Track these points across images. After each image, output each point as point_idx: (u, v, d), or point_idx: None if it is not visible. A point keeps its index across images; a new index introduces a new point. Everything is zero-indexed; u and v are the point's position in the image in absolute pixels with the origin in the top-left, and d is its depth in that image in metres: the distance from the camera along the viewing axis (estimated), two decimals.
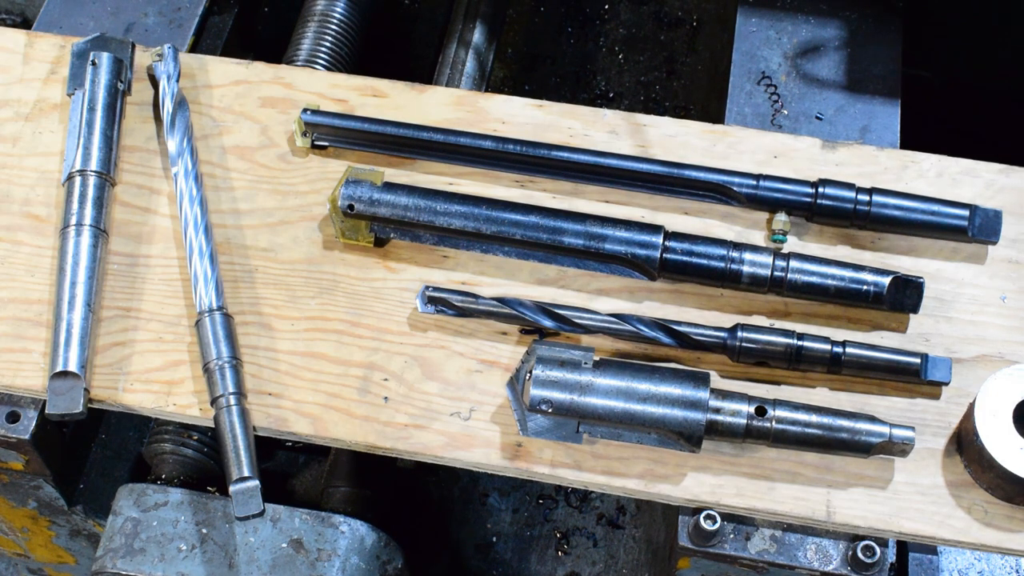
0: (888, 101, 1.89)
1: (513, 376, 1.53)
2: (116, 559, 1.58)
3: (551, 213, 1.62)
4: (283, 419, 1.54)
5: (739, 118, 1.87)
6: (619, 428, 1.47)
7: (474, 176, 1.71)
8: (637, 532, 2.46)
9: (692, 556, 1.52)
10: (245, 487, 1.46)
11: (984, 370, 1.54)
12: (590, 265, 1.62)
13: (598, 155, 1.68)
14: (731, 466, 1.50)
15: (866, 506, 1.47)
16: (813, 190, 1.62)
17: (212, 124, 1.77)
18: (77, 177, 1.66)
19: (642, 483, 1.49)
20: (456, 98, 1.80)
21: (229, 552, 1.58)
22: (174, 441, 1.79)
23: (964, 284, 1.61)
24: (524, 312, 1.55)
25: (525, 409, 1.48)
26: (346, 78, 1.83)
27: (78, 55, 1.77)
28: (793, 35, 1.97)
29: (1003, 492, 1.46)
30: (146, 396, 1.56)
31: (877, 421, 1.46)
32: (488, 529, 2.47)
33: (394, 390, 1.55)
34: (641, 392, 1.45)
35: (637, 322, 1.53)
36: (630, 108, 2.90)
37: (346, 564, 1.60)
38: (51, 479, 1.70)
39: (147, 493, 1.64)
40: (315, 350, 1.58)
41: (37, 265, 1.65)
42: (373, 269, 1.65)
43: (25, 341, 1.60)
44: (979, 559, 1.86)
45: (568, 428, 1.48)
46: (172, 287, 1.64)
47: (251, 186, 1.71)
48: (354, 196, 1.60)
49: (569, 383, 1.46)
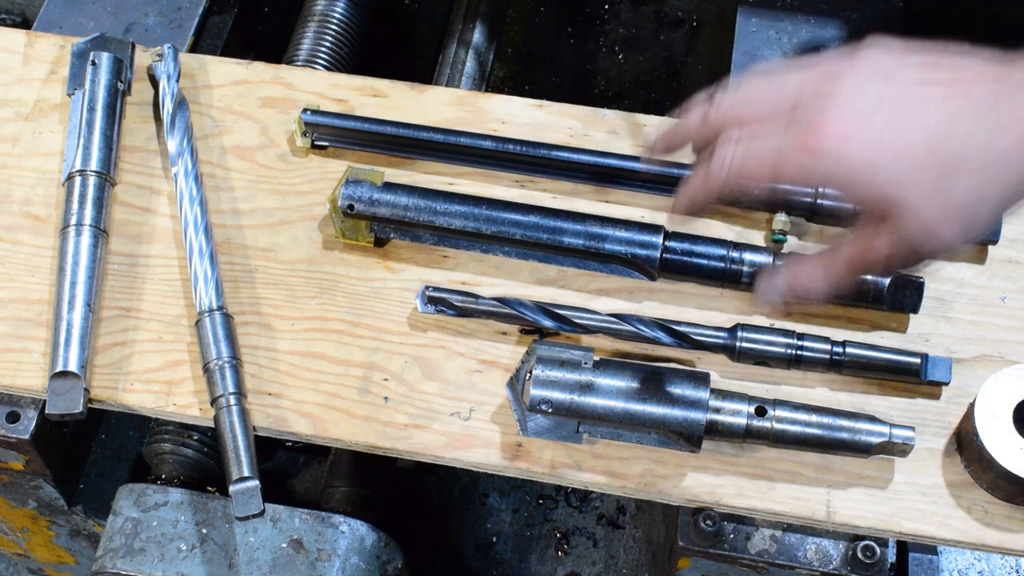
0: None
1: (513, 376, 1.53)
2: (116, 559, 1.58)
3: (551, 213, 1.62)
4: (283, 419, 1.54)
5: None
6: (619, 428, 1.47)
7: (474, 176, 1.71)
8: (637, 532, 2.46)
9: (692, 556, 1.52)
10: (245, 487, 1.46)
11: (984, 370, 1.54)
12: (590, 265, 1.62)
13: (598, 155, 1.68)
14: (731, 466, 1.50)
15: (866, 506, 1.47)
16: (813, 190, 1.62)
17: (212, 124, 1.77)
18: (77, 177, 1.66)
19: (642, 483, 1.49)
20: (456, 98, 1.80)
21: (229, 552, 1.58)
22: (174, 441, 1.79)
23: (964, 284, 1.61)
24: (524, 312, 1.55)
25: (525, 409, 1.48)
26: (346, 78, 1.83)
27: (78, 55, 1.77)
28: (793, 35, 1.97)
29: (1003, 492, 1.46)
30: (146, 396, 1.56)
31: (877, 421, 1.46)
32: (488, 529, 2.47)
33: (394, 390, 1.55)
34: (641, 392, 1.45)
35: (637, 322, 1.53)
36: (630, 108, 2.89)
37: (346, 564, 1.60)
38: (51, 479, 1.70)
39: (147, 493, 1.64)
40: (315, 350, 1.58)
41: (37, 265, 1.65)
42: (373, 269, 1.65)
43: (25, 341, 1.60)
44: (979, 559, 1.86)
45: (568, 428, 1.48)
46: (172, 287, 1.64)
47: (251, 186, 1.72)
48: (354, 196, 1.60)
49: (569, 383, 1.46)
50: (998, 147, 1.02)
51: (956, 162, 1.03)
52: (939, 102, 1.04)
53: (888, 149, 1.04)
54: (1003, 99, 1.03)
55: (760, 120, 1.11)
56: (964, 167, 1.03)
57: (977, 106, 1.03)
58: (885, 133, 1.04)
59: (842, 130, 1.05)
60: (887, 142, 1.04)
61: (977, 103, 1.03)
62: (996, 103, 1.03)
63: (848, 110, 1.05)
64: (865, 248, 1.12)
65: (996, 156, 1.03)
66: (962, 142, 1.03)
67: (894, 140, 1.04)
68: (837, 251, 1.15)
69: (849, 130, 1.05)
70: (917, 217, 1.07)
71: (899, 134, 1.04)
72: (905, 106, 1.05)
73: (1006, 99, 1.03)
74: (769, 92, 1.12)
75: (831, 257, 1.15)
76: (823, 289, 1.15)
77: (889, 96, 1.05)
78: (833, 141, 1.05)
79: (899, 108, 1.05)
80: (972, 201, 1.05)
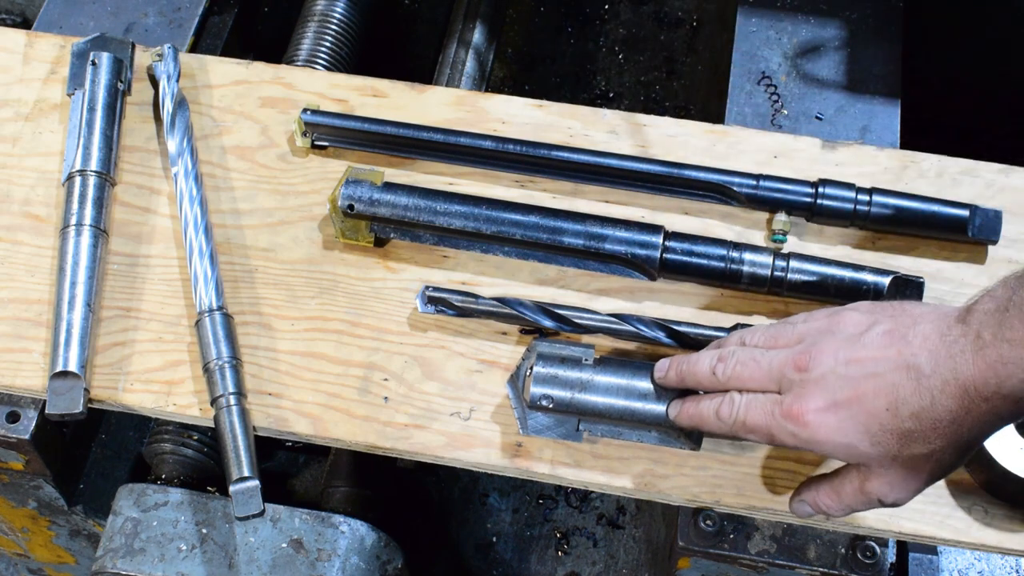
0: (888, 101, 1.89)
1: (513, 374, 1.53)
2: (116, 559, 1.59)
3: (551, 213, 1.62)
4: (283, 419, 1.54)
5: (739, 118, 1.87)
6: (620, 426, 1.47)
7: (474, 176, 1.71)
8: (637, 532, 2.46)
9: (692, 556, 1.52)
10: (245, 487, 1.46)
11: None
12: (590, 265, 1.62)
13: (598, 155, 1.68)
14: (731, 466, 1.50)
15: None
16: (813, 190, 1.62)
17: (212, 124, 1.77)
18: (77, 177, 1.66)
19: (642, 483, 1.49)
20: (456, 98, 1.80)
21: (229, 552, 1.58)
22: (174, 441, 1.79)
23: (964, 284, 1.61)
24: (524, 312, 1.55)
25: (525, 407, 1.48)
26: (346, 78, 1.83)
27: (78, 55, 1.77)
28: (793, 35, 1.97)
29: (1003, 492, 1.46)
30: (146, 396, 1.56)
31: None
32: (488, 529, 2.47)
33: (394, 390, 1.56)
34: (641, 389, 1.45)
35: (637, 322, 1.53)
36: (630, 108, 2.90)
37: (346, 564, 1.60)
38: (51, 479, 1.70)
39: (147, 493, 1.64)
40: (315, 350, 1.58)
41: (37, 265, 1.65)
42: (373, 269, 1.65)
43: (25, 341, 1.60)
44: (979, 559, 1.86)
45: (568, 426, 1.48)
46: (172, 287, 1.64)
47: (251, 186, 1.72)
48: (354, 196, 1.60)
49: (570, 380, 1.46)
50: (941, 407, 1.17)
51: (912, 424, 1.19)
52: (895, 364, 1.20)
53: (858, 416, 1.22)
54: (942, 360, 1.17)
55: (757, 383, 1.31)
56: (919, 428, 1.19)
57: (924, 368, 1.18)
58: (852, 403, 1.22)
59: (818, 404, 1.24)
60: (855, 412, 1.22)
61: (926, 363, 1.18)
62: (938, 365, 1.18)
63: (823, 386, 1.24)
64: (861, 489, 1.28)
65: (941, 414, 1.17)
66: (915, 404, 1.19)
67: (861, 408, 1.22)
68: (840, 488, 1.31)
69: (824, 404, 1.23)
70: (886, 475, 1.25)
71: (863, 401, 1.21)
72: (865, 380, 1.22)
73: (944, 360, 1.17)
74: (763, 361, 1.31)
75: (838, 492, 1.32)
76: (841, 516, 1.34)
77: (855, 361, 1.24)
78: (812, 414, 1.24)
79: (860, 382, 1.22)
80: (931, 456, 1.21)
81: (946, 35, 2.21)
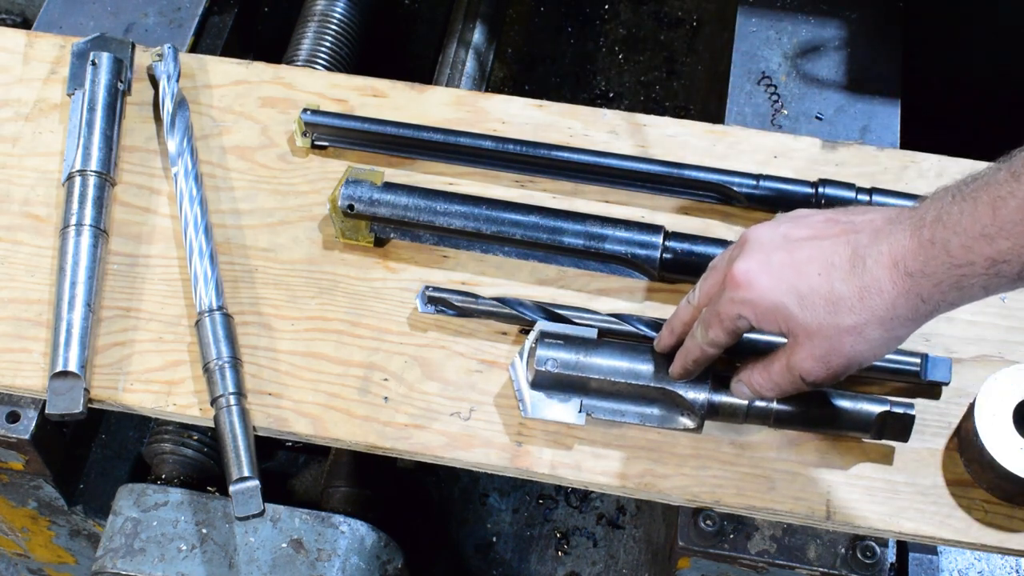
0: (888, 101, 1.89)
1: (517, 355, 1.53)
2: (116, 559, 1.58)
3: (551, 213, 1.62)
4: (283, 419, 1.54)
5: (739, 118, 1.87)
6: (623, 402, 1.47)
7: (474, 176, 1.72)
8: (637, 532, 2.46)
9: (692, 556, 1.52)
10: (245, 487, 1.46)
11: (984, 370, 1.54)
12: (590, 265, 1.62)
13: (598, 155, 1.68)
14: (731, 466, 1.50)
15: (866, 506, 1.47)
16: (813, 190, 1.62)
17: (212, 124, 1.77)
18: (77, 177, 1.66)
19: (642, 483, 1.49)
20: (456, 98, 1.80)
21: (229, 552, 1.58)
22: (174, 441, 1.79)
23: None
24: (524, 312, 1.55)
25: (528, 385, 1.48)
26: (346, 78, 1.83)
27: (78, 55, 1.77)
28: (793, 35, 1.97)
29: (1003, 492, 1.46)
30: (146, 396, 1.56)
31: (877, 398, 1.46)
32: (488, 529, 2.47)
33: (394, 390, 1.55)
34: (643, 358, 1.48)
35: (637, 322, 1.53)
36: (630, 108, 2.90)
37: (346, 564, 1.60)
38: (51, 479, 1.70)
39: (147, 493, 1.64)
40: (315, 350, 1.58)
41: (37, 265, 1.65)
42: (373, 269, 1.65)
43: (25, 341, 1.60)
44: (979, 559, 1.86)
45: (571, 406, 1.48)
46: (172, 287, 1.64)
47: (251, 186, 1.72)
48: (354, 196, 1.61)
49: (575, 342, 1.49)
50: (870, 276, 1.22)
51: (842, 287, 1.23)
52: (835, 237, 1.26)
53: (790, 277, 1.26)
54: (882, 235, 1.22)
55: (717, 283, 1.35)
56: (847, 294, 1.23)
57: (863, 240, 1.24)
58: (786, 266, 1.27)
59: (752, 265, 1.29)
60: (788, 274, 1.26)
61: (866, 237, 1.24)
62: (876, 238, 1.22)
63: (756, 251, 1.29)
64: (787, 366, 1.31)
65: (869, 283, 1.22)
66: (847, 269, 1.23)
67: (794, 270, 1.26)
68: (771, 366, 1.35)
69: (759, 265, 1.28)
70: (809, 347, 1.27)
71: (797, 265, 1.26)
72: (801, 246, 1.27)
73: (884, 235, 1.22)
74: (720, 264, 1.36)
75: (768, 370, 1.36)
76: (771, 395, 1.38)
77: (789, 239, 1.29)
78: (746, 274, 1.28)
79: (796, 248, 1.27)
80: (854, 329, 1.24)
81: (946, 35, 2.21)
